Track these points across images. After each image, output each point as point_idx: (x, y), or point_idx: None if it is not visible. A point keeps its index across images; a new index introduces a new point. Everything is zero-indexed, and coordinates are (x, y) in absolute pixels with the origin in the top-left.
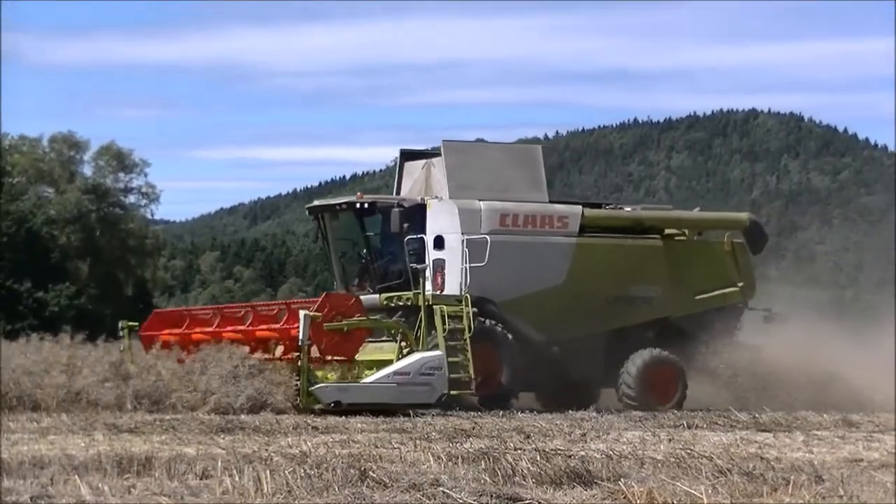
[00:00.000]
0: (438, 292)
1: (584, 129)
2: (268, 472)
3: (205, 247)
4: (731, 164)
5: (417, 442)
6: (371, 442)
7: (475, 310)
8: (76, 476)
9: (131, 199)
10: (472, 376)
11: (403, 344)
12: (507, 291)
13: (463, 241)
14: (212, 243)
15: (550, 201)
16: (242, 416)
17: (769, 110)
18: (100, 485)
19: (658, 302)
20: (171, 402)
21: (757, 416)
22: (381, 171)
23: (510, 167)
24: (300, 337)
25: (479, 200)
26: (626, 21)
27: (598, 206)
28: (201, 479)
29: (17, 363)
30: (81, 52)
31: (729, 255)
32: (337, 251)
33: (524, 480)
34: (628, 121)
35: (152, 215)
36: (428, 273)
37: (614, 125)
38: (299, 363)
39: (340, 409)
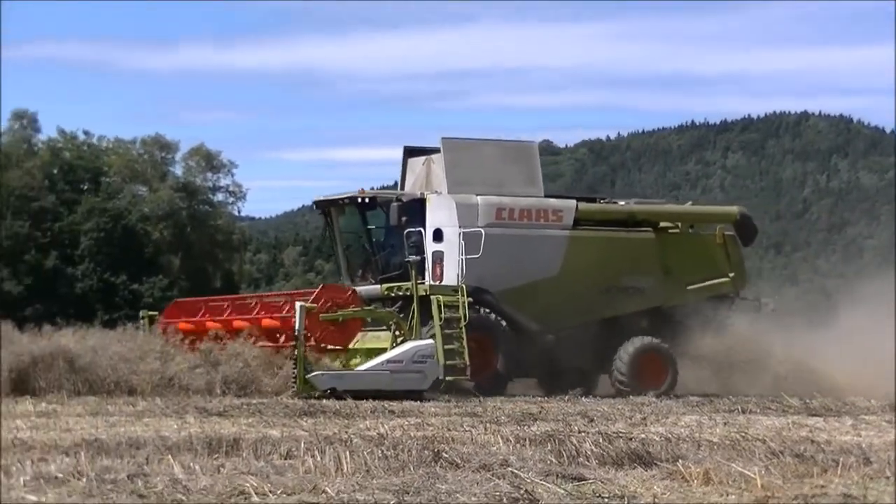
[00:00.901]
0: (437, 283)
1: (644, 131)
2: (347, 452)
3: (288, 242)
4: (783, 164)
5: (487, 425)
6: (444, 425)
7: (471, 299)
8: (169, 456)
9: (219, 197)
10: (467, 363)
11: (398, 333)
12: (503, 282)
13: (460, 233)
14: (294, 238)
15: (546, 196)
16: (324, 401)
17: (820, 112)
18: (191, 464)
19: (650, 292)
20: (256, 387)
21: (808, 401)
22: None
23: (507, 163)
24: (296, 327)
25: (477, 195)
26: (683, 28)
27: (593, 200)
28: (285, 459)
29: (114, 351)
30: (170, 60)
31: (720, 247)
32: (342, 244)
33: (588, 461)
34: (686, 123)
35: (239, 212)
36: (428, 264)
37: (673, 127)
38: (295, 352)
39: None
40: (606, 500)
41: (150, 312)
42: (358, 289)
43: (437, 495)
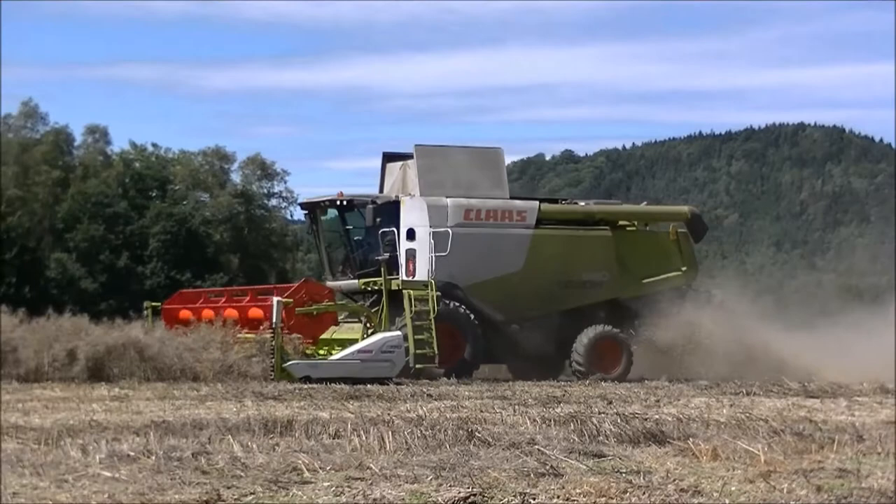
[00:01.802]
0: (410, 278)
1: (656, 141)
2: (390, 432)
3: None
4: (782, 170)
5: (516, 407)
6: (477, 407)
7: (440, 293)
8: (229, 436)
9: (274, 202)
10: (436, 352)
11: (368, 325)
12: (471, 277)
13: (430, 233)
14: None
15: (511, 198)
16: (368, 386)
17: (815, 123)
18: (249, 443)
19: (607, 285)
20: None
21: (806, 384)
22: None
23: (475, 168)
24: (273, 319)
25: (447, 197)
26: (690, 49)
27: (555, 201)
28: (334, 438)
29: (179, 341)
30: (229, 79)
31: (673, 243)
32: (324, 242)
33: (607, 440)
34: (694, 133)
35: (291, 216)
36: (402, 261)
37: (682, 137)
38: (272, 343)
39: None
40: (624, 474)
41: (154, 303)
42: (338, 283)
43: (471, 470)
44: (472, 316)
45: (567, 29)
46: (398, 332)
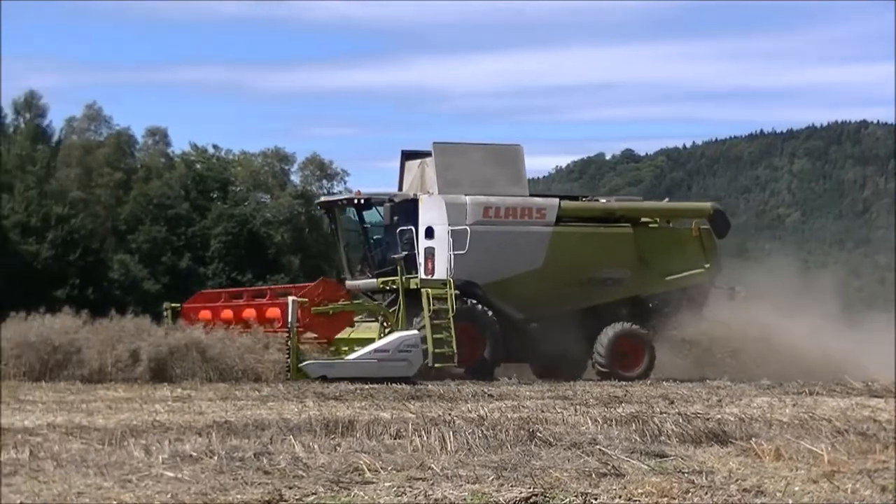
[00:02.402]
0: (429, 277)
1: (717, 140)
2: (451, 432)
3: None
4: (845, 168)
5: (577, 407)
6: (538, 407)
7: (457, 292)
8: (291, 436)
9: None
10: (455, 351)
11: (385, 324)
12: (490, 275)
13: (448, 231)
14: None
15: (530, 195)
16: (429, 385)
17: (877, 121)
18: (310, 443)
19: (629, 282)
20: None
21: (870, 384)
22: (544, 176)
23: (494, 165)
24: (289, 319)
25: (465, 195)
26: (749, 47)
27: (575, 198)
28: (395, 438)
29: (241, 342)
30: (289, 80)
31: (696, 240)
32: (343, 241)
33: (669, 440)
34: (755, 132)
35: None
36: (420, 260)
37: (743, 136)
38: (288, 343)
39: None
40: (686, 474)
41: (173, 304)
42: (357, 282)
43: (533, 470)
44: (492, 314)
45: (629, 28)
46: (415, 332)
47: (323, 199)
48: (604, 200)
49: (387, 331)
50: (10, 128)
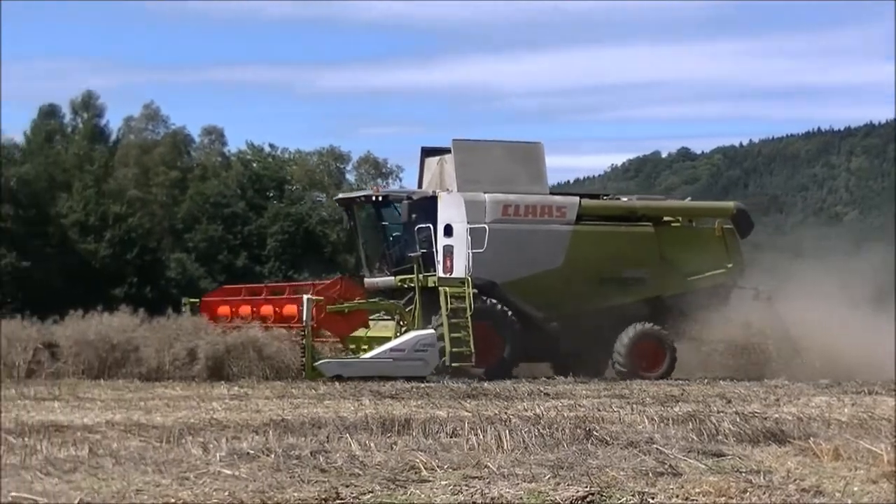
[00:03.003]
0: (447, 275)
1: (773, 138)
2: (507, 431)
3: None
4: None
5: (634, 406)
6: (594, 406)
7: (475, 291)
8: (347, 434)
9: None
10: (472, 350)
11: (401, 323)
12: (509, 274)
13: (467, 229)
14: None
15: (551, 193)
16: (485, 384)
17: None
18: (367, 442)
19: (650, 282)
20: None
21: None
22: (599, 175)
23: (514, 163)
24: (303, 318)
25: (485, 193)
26: (807, 44)
27: (596, 196)
28: (451, 437)
29: (297, 340)
30: (345, 79)
31: (719, 239)
32: (362, 238)
33: (726, 439)
34: (812, 130)
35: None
36: (439, 258)
37: (800, 133)
38: (304, 341)
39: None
40: (744, 474)
41: (192, 300)
42: (375, 280)
43: (589, 469)
44: (511, 314)
45: (685, 25)
46: (431, 331)
47: (341, 195)
48: (625, 199)
49: (403, 329)
50: (69, 128)
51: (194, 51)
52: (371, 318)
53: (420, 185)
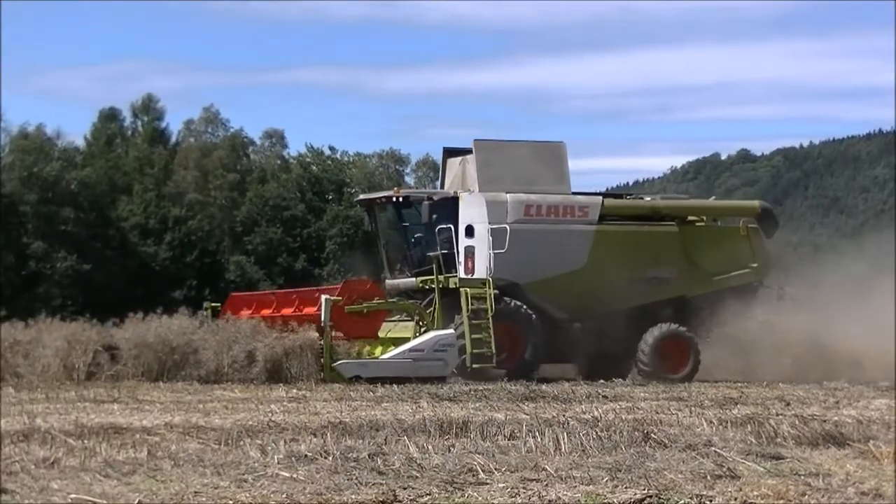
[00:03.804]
0: (469, 276)
1: (834, 139)
2: (565, 434)
3: None
4: None
5: (692, 408)
6: (652, 409)
7: (496, 292)
8: (405, 437)
9: None
10: (493, 352)
11: (420, 323)
12: (532, 275)
13: (488, 229)
14: None
15: (573, 193)
16: (543, 386)
17: None
18: (425, 444)
19: (674, 282)
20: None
21: None
22: (658, 177)
23: (536, 163)
24: (322, 319)
25: (506, 193)
26: (868, 44)
27: (620, 196)
28: (509, 439)
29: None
30: (407, 81)
31: (744, 239)
32: (383, 239)
33: (785, 442)
34: (874, 131)
35: None
36: (460, 258)
37: (861, 135)
38: (321, 342)
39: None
40: (803, 477)
41: (213, 304)
42: (396, 281)
43: (647, 472)
44: (533, 315)
45: (745, 27)
46: (451, 331)
47: (362, 196)
48: (648, 198)
49: (422, 330)
50: (129, 131)
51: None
52: (391, 319)
53: (442, 186)
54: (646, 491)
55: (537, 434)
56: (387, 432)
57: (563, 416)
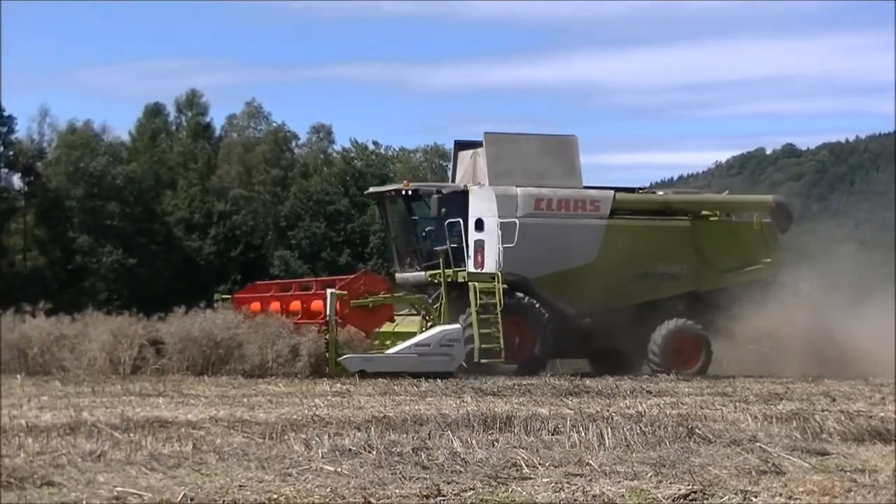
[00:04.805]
0: (478, 270)
1: (881, 134)
2: (609, 429)
3: None
4: None
5: (737, 404)
6: (697, 404)
7: (506, 286)
8: (449, 431)
9: None
10: (502, 346)
11: (427, 318)
12: (542, 269)
13: (498, 223)
14: None
15: (584, 187)
16: (587, 381)
17: None
18: (469, 439)
19: (686, 277)
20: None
21: None
22: (703, 172)
23: (547, 156)
24: (327, 312)
25: (516, 187)
26: None
27: (632, 190)
28: (553, 434)
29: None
30: (451, 76)
31: (758, 234)
32: (393, 233)
33: (830, 437)
34: None
35: None
36: (470, 252)
37: None
38: (327, 336)
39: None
40: (848, 473)
41: (225, 296)
42: (406, 275)
43: (692, 468)
44: (543, 309)
45: (789, 22)
46: (457, 326)
47: (371, 189)
48: (661, 193)
49: (429, 325)
50: (173, 126)
51: (301, 50)
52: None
53: (453, 180)
54: (690, 486)
55: (581, 429)
56: (431, 427)
57: (607, 410)
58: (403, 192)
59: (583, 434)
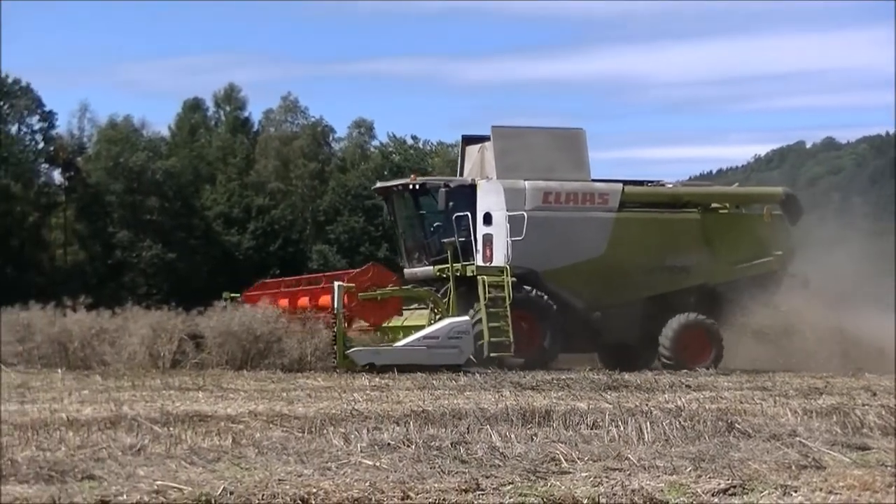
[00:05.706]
0: (487, 263)
1: None
2: (648, 423)
3: None
4: None
5: (777, 398)
6: (736, 398)
7: (514, 280)
8: (488, 425)
9: None
10: (511, 340)
11: (435, 311)
12: (550, 262)
13: (506, 217)
14: None
15: (593, 180)
16: (625, 376)
17: None
18: (507, 433)
19: (695, 270)
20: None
21: None
22: (742, 165)
23: (555, 150)
24: (335, 305)
25: (524, 180)
26: None
27: (641, 183)
28: (591, 428)
29: None
30: (487, 71)
31: (768, 226)
32: (400, 228)
33: (871, 432)
34: None
35: None
36: (478, 246)
37: None
38: (335, 329)
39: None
40: (890, 468)
41: (233, 294)
42: (415, 270)
43: (731, 462)
44: (552, 303)
45: (830, 14)
46: (466, 318)
47: (379, 184)
48: (670, 185)
49: (437, 318)
50: (212, 120)
51: (339, 45)
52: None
53: (461, 174)
54: (730, 481)
55: (620, 423)
56: (469, 421)
57: (646, 405)
58: (411, 187)
59: (622, 428)
